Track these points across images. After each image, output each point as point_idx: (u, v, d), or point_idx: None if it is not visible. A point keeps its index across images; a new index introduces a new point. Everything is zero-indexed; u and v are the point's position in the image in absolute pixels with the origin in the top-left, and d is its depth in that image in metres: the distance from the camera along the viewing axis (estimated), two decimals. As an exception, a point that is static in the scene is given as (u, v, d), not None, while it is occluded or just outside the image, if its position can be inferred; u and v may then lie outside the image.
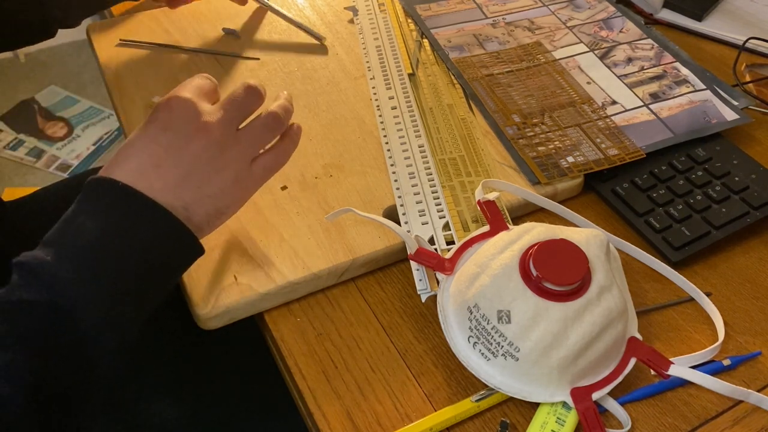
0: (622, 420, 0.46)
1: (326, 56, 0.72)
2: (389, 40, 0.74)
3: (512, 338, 0.44)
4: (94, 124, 1.86)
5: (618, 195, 0.59)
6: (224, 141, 0.46)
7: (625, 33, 0.77)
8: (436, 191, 0.57)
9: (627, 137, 0.63)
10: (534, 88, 0.69)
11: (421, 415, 0.45)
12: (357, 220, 0.54)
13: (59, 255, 0.40)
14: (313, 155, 0.61)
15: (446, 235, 0.53)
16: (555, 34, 0.76)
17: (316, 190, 0.57)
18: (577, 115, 0.65)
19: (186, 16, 0.76)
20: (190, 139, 0.45)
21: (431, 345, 0.50)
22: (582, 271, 0.45)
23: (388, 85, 0.68)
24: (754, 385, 0.48)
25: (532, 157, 0.61)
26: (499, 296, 0.45)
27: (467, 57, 0.72)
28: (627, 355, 0.47)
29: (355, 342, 0.50)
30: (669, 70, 0.71)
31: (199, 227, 0.45)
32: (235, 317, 0.50)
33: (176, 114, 0.45)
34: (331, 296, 0.53)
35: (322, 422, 0.45)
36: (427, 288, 0.50)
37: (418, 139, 0.62)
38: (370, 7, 0.79)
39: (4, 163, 1.75)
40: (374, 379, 0.47)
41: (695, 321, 0.52)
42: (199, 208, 0.45)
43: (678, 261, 0.55)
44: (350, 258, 0.52)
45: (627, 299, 0.51)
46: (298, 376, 0.48)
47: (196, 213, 0.45)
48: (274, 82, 0.69)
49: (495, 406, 0.46)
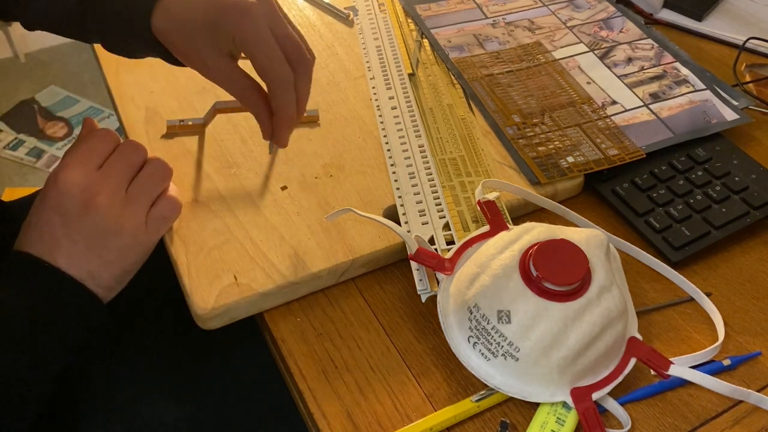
0: (622, 420, 0.46)
1: (326, 56, 0.72)
2: (389, 40, 0.74)
3: (512, 338, 0.44)
4: (94, 124, 1.86)
5: (618, 195, 0.59)
6: (115, 207, 0.49)
7: (625, 33, 0.77)
8: (436, 191, 0.57)
9: (627, 137, 0.63)
10: (534, 88, 0.69)
11: (421, 415, 0.45)
12: (357, 220, 0.54)
13: None
14: (313, 155, 0.61)
15: (446, 235, 0.53)
16: (555, 34, 0.76)
17: (316, 190, 0.57)
18: (577, 115, 0.65)
19: (186, 16, 0.76)
20: (81, 216, 0.48)
21: (431, 345, 0.50)
22: (582, 271, 0.45)
23: (388, 85, 0.68)
24: (754, 385, 0.48)
25: (532, 157, 0.61)
26: (499, 296, 0.45)
27: (467, 57, 0.72)
28: (627, 355, 0.47)
29: (355, 342, 0.50)
30: (669, 70, 0.71)
31: (110, 288, 0.50)
32: (235, 317, 0.50)
33: (64, 194, 0.48)
34: (331, 296, 0.53)
35: (322, 422, 0.45)
36: (427, 288, 0.50)
37: (418, 139, 0.62)
38: (370, 7, 0.79)
39: (4, 163, 1.75)
40: (374, 379, 0.47)
41: (695, 321, 0.52)
42: (104, 273, 0.49)
43: (678, 261, 0.55)
44: (350, 258, 0.52)
45: (627, 299, 0.51)
46: (298, 376, 0.47)
47: (103, 278, 0.49)
48: (274, 82, 0.68)
49: (495, 406, 0.46)
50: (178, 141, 0.61)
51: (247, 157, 0.60)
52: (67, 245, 0.47)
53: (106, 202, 0.48)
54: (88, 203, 0.48)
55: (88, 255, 0.48)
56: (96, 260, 0.48)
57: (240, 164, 0.59)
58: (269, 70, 0.49)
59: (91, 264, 0.48)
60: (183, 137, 0.61)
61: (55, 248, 0.47)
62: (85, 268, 0.48)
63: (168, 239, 0.53)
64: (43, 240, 0.48)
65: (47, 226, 0.48)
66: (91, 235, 0.48)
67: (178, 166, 0.58)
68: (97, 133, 0.51)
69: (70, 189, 0.48)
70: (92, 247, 0.48)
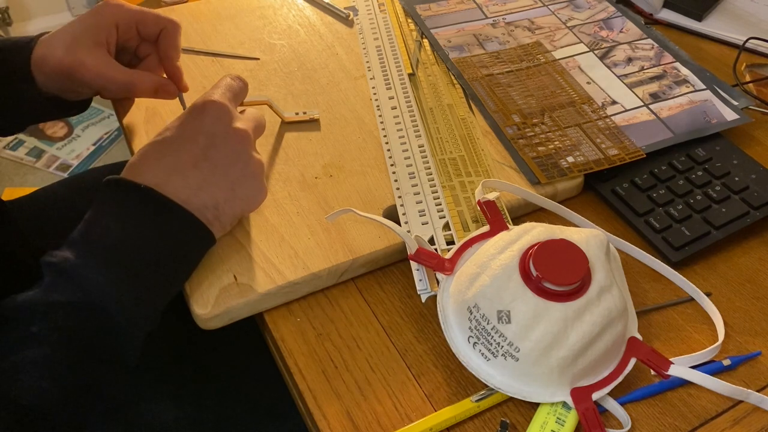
0: (622, 420, 0.46)
1: (326, 56, 0.72)
2: (389, 40, 0.74)
3: (512, 338, 0.44)
4: (94, 124, 1.86)
5: (618, 195, 0.59)
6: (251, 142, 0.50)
7: (625, 33, 0.77)
8: (436, 191, 0.57)
9: (627, 137, 0.63)
10: (534, 88, 0.69)
11: (421, 415, 0.45)
12: (357, 220, 0.54)
13: (87, 256, 0.43)
14: (313, 155, 0.61)
15: (446, 235, 0.53)
16: (555, 34, 0.76)
17: (316, 190, 0.57)
18: (577, 115, 0.65)
19: (186, 16, 0.76)
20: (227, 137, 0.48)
21: (431, 345, 0.50)
22: (582, 271, 0.45)
23: (388, 85, 0.68)
24: (754, 385, 0.48)
25: (532, 157, 0.61)
26: (499, 296, 0.45)
27: (467, 57, 0.72)
28: (627, 355, 0.47)
29: (355, 342, 0.50)
30: (669, 70, 0.71)
31: (223, 228, 0.49)
32: (235, 317, 0.50)
33: (215, 114, 0.49)
34: (331, 296, 0.53)
35: (322, 422, 0.45)
36: (427, 288, 0.50)
37: (418, 139, 0.62)
38: (370, 7, 0.79)
39: (4, 163, 1.75)
40: (374, 379, 0.47)
41: (695, 321, 0.52)
42: (227, 209, 0.48)
43: (678, 261, 0.55)
44: (350, 258, 0.52)
45: (627, 299, 0.51)
46: (298, 376, 0.47)
47: (225, 213, 0.48)
48: (274, 82, 0.69)
49: (495, 406, 0.46)
50: (178, 141, 0.61)
51: (247, 157, 0.60)
52: (207, 167, 0.47)
53: (246, 135, 0.49)
54: (233, 129, 0.49)
55: (223, 182, 0.48)
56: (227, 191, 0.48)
57: (240, 164, 0.59)
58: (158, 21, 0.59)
59: (220, 193, 0.48)
60: (183, 137, 0.61)
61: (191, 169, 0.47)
62: (215, 196, 0.47)
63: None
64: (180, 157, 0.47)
65: (188, 144, 0.48)
66: (230, 162, 0.48)
67: (178, 166, 0.58)
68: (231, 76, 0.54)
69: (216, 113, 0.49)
70: (228, 174, 0.48)
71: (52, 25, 0.65)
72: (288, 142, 0.62)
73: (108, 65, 0.57)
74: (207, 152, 0.47)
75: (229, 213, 0.48)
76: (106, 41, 0.58)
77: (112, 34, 0.58)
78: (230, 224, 0.50)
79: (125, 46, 0.61)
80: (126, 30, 0.59)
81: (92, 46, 0.56)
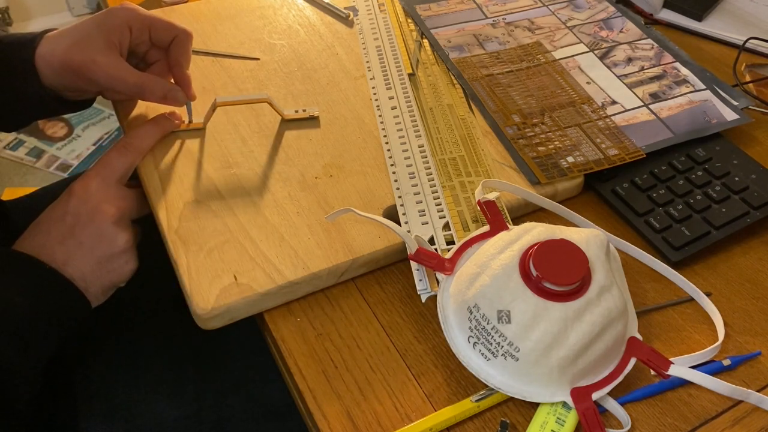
0: (622, 420, 0.46)
1: (326, 56, 0.72)
2: (389, 40, 0.74)
3: (512, 338, 0.44)
4: (94, 124, 1.86)
5: (618, 195, 0.59)
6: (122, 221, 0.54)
7: (625, 33, 0.77)
8: (436, 191, 0.57)
9: (627, 137, 0.63)
10: (534, 88, 0.69)
11: (421, 415, 0.45)
12: (357, 220, 0.54)
13: None
14: (313, 155, 0.61)
15: (446, 235, 0.53)
16: (555, 34, 0.76)
17: (316, 190, 0.57)
18: (577, 115, 0.65)
19: (186, 16, 0.76)
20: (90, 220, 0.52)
21: (431, 345, 0.50)
22: (582, 271, 0.45)
23: (388, 85, 0.68)
24: (754, 385, 0.48)
25: (532, 157, 0.61)
26: (499, 296, 0.45)
27: (467, 57, 0.72)
28: (627, 355, 0.47)
29: (355, 342, 0.50)
30: (669, 70, 0.71)
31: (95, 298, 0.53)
32: (235, 317, 0.50)
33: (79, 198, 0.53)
34: (331, 296, 0.53)
35: (322, 422, 0.45)
36: (427, 288, 0.50)
37: (418, 139, 0.62)
38: (370, 7, 0.79)
39: (4, 163, 1.75)
40: (374, 379, 0.47)
41: (695, 321, 0.52)
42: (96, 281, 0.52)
43: (678, 261, 0.55)
44: (350, 258, 0.52)
45: (627, 299, 0.51)
46: (298, 376, 0.48)
47: (93, 284, 0.52)
48: (274, 82, 0.69)
49: (495, 406, 0.46)
50: (179, 141, 0.61)
51: (247, 157, 0.60)
52: (72, 244, 0.51)
53: (114, 213, 0.53)
54: (99, 209, 0.53)
55: (88, 258, 0.52)
56: (93, 266, 0.52)
57: (240, 164, 0.59)
58: (171, 28, 0.60)
59: (86, 267, 0.52)
60: (183, 137, 0.61)
61: (58, 245, 0.51)
62: (81, 269, 0.51)
63: (168, 240, 0.53)
64: (50, 235, 0.52)
65: (57, 224, 0.52)
66: (94, 240, 0.52)
67: (179, 166, 0.58)
68: (117, 146, 0.56)
69: (82, 195, 0.53)
70: (93, 251, 0.52)
71: (53, 25, 0.65)
72: (288, 141, 0.62)
73: (119, 66, 0.57)
74: (73, 230, 0.52)
75: (97, 284, 0.52)
76: (118, 42, 0.58)
77: (125, 36, 0.58)
78: (103, 294, 0.54)
79: (135, 50, 0.61)
80: (138, 34, 0.59)
81: (104, 46, 0.57)
